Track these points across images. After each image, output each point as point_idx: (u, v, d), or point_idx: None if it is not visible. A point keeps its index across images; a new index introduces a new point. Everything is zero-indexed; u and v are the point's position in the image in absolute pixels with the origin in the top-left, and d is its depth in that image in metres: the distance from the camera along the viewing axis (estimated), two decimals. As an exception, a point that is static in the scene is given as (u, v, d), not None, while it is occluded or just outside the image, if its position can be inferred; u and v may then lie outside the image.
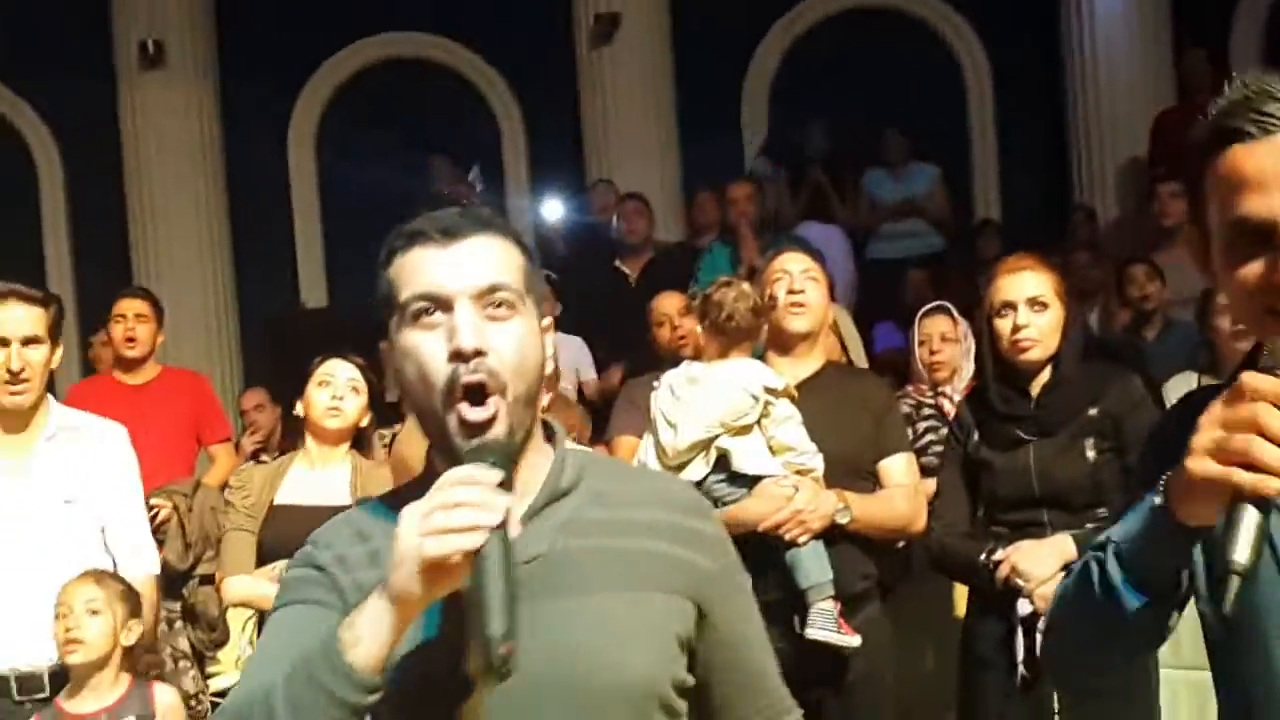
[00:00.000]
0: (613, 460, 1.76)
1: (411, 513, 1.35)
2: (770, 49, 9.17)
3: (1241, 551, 1.20)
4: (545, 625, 1.44)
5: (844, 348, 4.28)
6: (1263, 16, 8.52)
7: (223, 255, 8.86)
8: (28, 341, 3.26)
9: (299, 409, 3.96)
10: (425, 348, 1.49)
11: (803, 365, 3.51)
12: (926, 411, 4.63)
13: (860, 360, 4.74)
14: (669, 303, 5.26)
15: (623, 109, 8.63)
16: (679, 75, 8.76)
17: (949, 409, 4.51)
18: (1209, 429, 1.25)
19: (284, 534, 3.80)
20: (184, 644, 4.40)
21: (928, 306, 4.95)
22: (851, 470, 3.39)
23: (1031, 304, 3.27)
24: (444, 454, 1.49)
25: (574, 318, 6.54)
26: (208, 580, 4.55)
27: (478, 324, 1.48)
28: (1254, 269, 1.36)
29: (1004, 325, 3.29)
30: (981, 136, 9.05)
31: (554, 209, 9.13)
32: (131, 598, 3.17)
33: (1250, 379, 1.23)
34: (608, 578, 1.50)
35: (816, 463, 3.32)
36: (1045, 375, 3.30)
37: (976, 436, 3.37)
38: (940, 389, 4.68)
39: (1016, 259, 3.39)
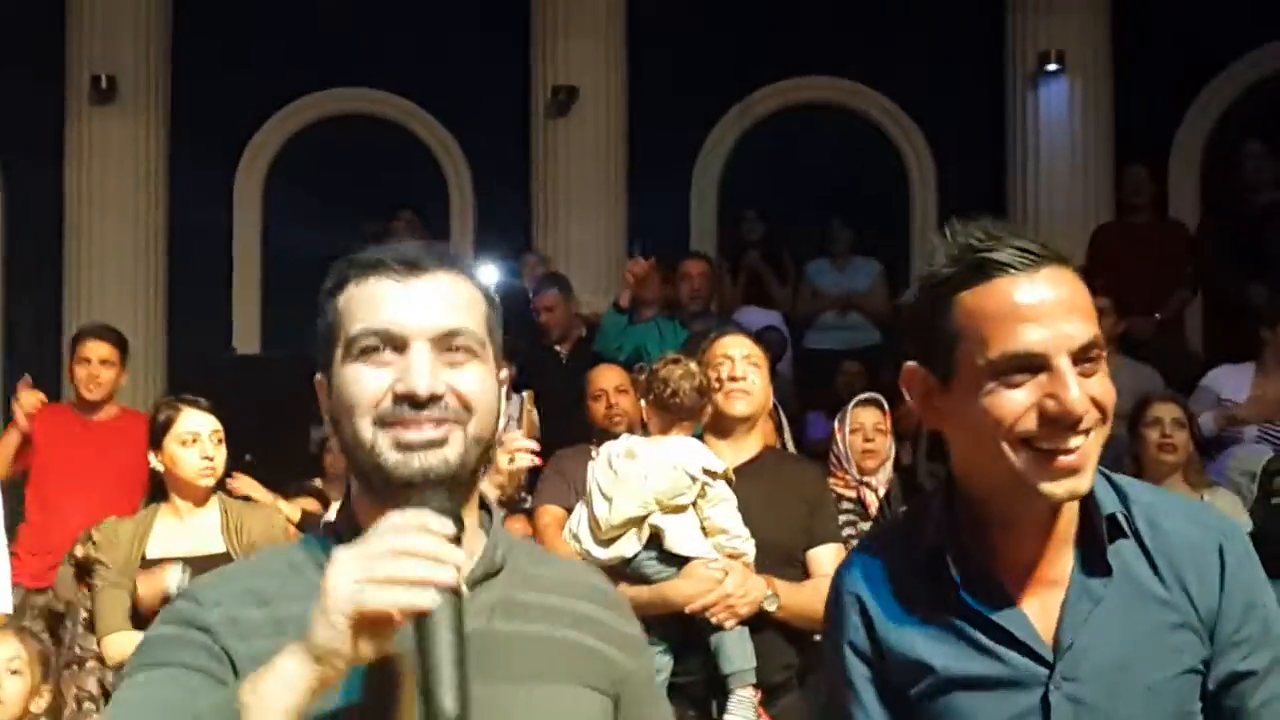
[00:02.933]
0: (531, 542, 1.65)
1: (348, 557, 1.18)
2: (723, 134, 9.28)
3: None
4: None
5: (780, 434, 4.29)
6: (1202, 135, 8.76)
7: (158, 294, 8.76)
8: None
9: (155, 463, 3.82)
10: (365, 380, 1.35)
11: (741, 449, 3.52)
12: (846, 505, 4.65)
13: (790, 448, 4.76)
14: (607, 377, 5.22)
15: (574, 180, 8.70)
16: (632, 152, 8.85)
17: (871, 500, 4.53)
18: None
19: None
20: (92, 685, 4.26)
21: (861, 397, 4.98)
22: (783, 557, 3.39)
23: None
24: (374, 494, 1.34)
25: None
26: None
27: (435, 368, 1.34)
28: (1018, 399, 1.41)
29: None
30: (923, 236, 9.18)
31: (490, 273, 9.12)
32: (47, 660, 3.00)
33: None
34: (535, 666, 1.39)
35: (748, 548, 3.32)
36: None
37: None
38: (865, 480, 4.70)
39: None
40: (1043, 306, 1.40)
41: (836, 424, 4.93)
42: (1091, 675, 1.44)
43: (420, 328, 1.35)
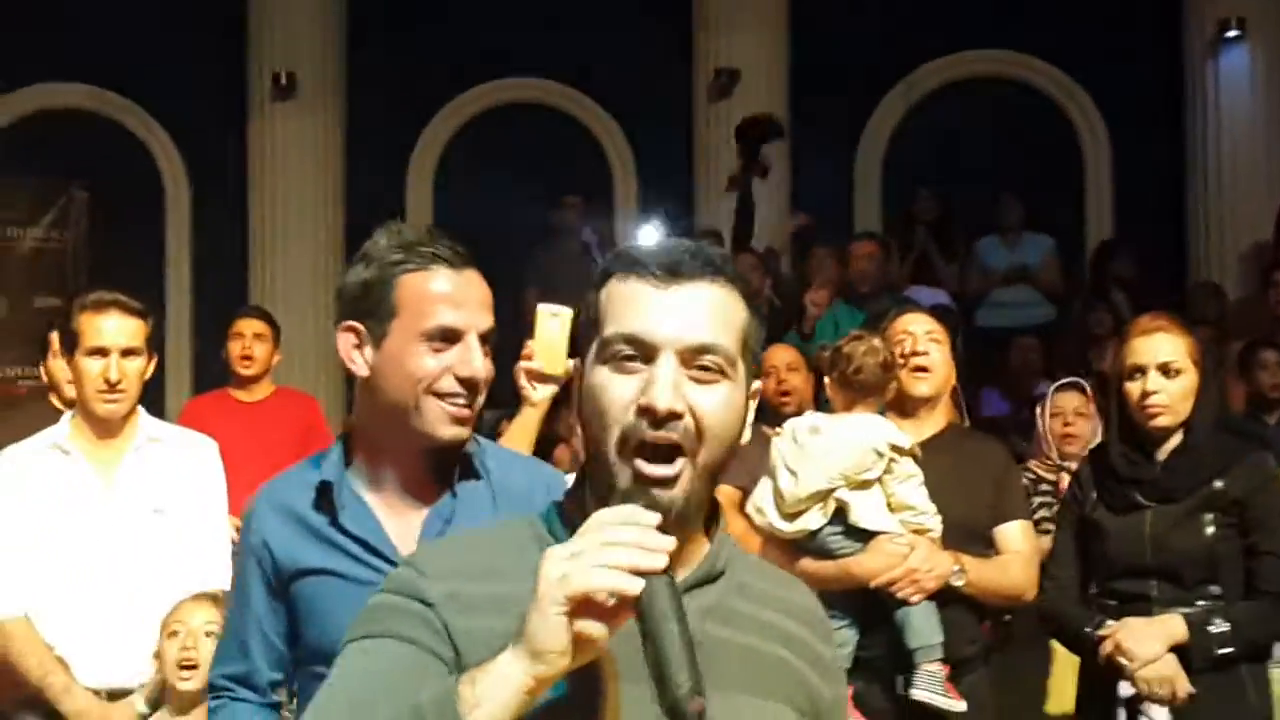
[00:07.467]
0: (755, 556, 1.61)
1: (560, 553, 1.20)
2: (889, 111, 9.20)
3: None
4: None
5: (960, 411, 4.27)
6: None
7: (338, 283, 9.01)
8: (126, 353, 3.28)
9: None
10: (613, 390, 1.34)
11: (925, 426, 3.51)
12: (1044, 487, 4.62)
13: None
14: (779, 355, 5.24)
15: (737, 161, 8.69)
16: (794, 131, 8.82)
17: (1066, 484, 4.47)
18: None
19: None
20: None
21: (1062, 381, 4.93)
22: (969, 534, 3.38)
23: (1163, 369, 3.18)
24: (603, 497, 1.34)
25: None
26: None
27: (678, 382, 1.33)
28: (437, 362, 2.08)
29: (1134, 389, 3.20)
30: (1098, 210, 8.97)
31: None
32: None
33: None
34: (745, 678, 1.38)
35: (935, 524, 3.32)
36: (1174, 441, 3.23)
37: (1095, 496, 3.32)
38: (1064, 464, 4.64)
39: (1151, 319, 3.27)
40: (457, 294, 2.03)
41: (1039, 408, 4.90)
42: None
43: (670, 338, 1.34)
